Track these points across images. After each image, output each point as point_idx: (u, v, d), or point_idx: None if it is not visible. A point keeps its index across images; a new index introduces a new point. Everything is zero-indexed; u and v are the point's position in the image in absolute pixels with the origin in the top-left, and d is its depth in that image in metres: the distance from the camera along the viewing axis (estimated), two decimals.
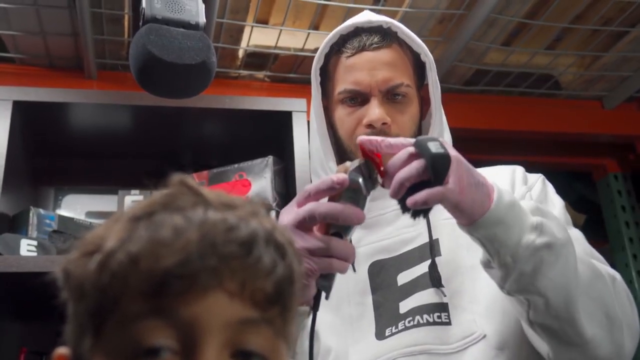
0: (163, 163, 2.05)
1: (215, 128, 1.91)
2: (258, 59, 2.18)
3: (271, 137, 1.89)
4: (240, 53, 2.13)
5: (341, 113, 1.18)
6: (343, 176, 0.83)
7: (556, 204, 1.16)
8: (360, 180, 0.82)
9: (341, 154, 1.21)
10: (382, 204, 1.15)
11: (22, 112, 1.66)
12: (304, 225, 0.83)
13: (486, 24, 2.00)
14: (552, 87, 2.43)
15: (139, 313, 0.48)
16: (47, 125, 1.80)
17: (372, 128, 1.14)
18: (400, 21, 1.93)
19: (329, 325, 1.07)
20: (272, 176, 1.79)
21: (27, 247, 1.52)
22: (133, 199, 1.86)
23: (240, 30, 2.01)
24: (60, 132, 1.87)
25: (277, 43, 2.07)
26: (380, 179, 0.86)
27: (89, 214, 2.02)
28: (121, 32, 1.98)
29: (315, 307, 0.84)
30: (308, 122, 1.80)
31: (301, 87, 2.22)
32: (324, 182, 0.83)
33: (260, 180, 1.80)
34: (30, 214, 1.64)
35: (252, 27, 1.99)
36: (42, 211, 1.69)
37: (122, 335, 0.49)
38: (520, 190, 1.16)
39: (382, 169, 0.85)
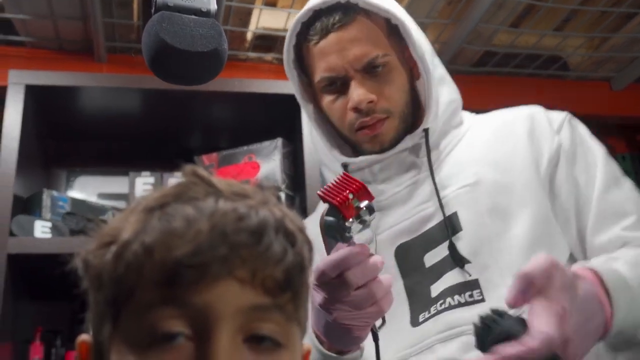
0: (173, 145, 2.07)
1: (224, 111, 1.93)
2: (267, 41, 2.18)
3: (280, 119, 1.90)
4: (249, 36, 2.13)
5: (327, 102, 1.13)
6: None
7: (596, 154, 1.08)
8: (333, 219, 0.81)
9: (344, 138, 1.17)
10: (395, 183, 1.12)
11: (34, 95, 1.68)
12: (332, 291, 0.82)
13: (495, 5, 2.00)
14: (561, 68, 2.42)
15: (153, 302, 0.50)
16: (58, 108, 1.83)
17: (359, 111, 1.09)
18: (409, 4, 1.94)
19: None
20: (281, 158, 1.81)
21: (41, 229, 1.55)
22: (144, 180, 1.89)
23: (249, 12, 2.02)
24: (72, 114, 1.89)
25: (285, 25, 2.08)
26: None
27: (101, 195, 2.05)
28: (130, 16, 1.99)
29: (375, 339, 0.85)
30: None
31: None
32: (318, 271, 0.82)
33: (269, 162, 1.82)
34: (44, 196, 1.67)
35: (261, 9, 1.99)
36: (55, 193, 1.71)
37: (138, 323, 0.51)
38: (549, 143, 1.08)
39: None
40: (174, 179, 1.85)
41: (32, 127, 1.71)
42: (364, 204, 0.81)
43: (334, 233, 0.81)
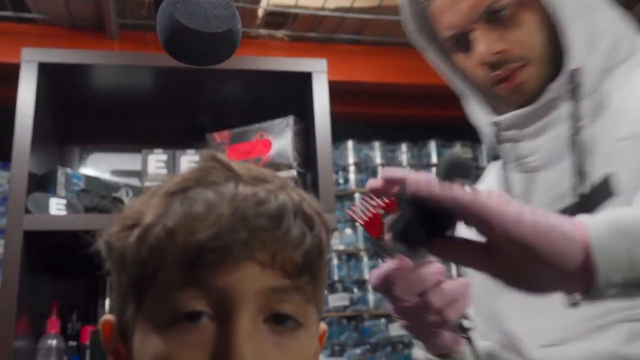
0: (185, 123, 2.08)
1: (235, 88, 1.93)
2: (278, 18, 2.18)
3: (291, 97, 1.90)
4: (260, 12, 2.13)
5: (459, 62, 1.03)
6: None
7: None
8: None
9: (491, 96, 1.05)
10: (546, 138, 0.97)
11: (46, 73, 1.69)
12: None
13: None
14: None
15: (176, 283, 0.52)
16: (71, 86, 1.83)
17: (490, 66, 0.97)
18: None
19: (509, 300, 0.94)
20: (292, 136, 1.81)
21: (56, 206, 1.57)
22: (156, 157, 1.90)
23: None
24: (84, 92, 1.90)
25: (297, 2, 2.07)
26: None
27: (114, 172, 2.07)
28: None
29: (470, 342, 0.81)
30: (328, 82, 1.81)
31: (321, 46, 2.23)
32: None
33: (280, 139, 1.82)
34: (58, 174, 1.68)
35: None
36: (69, 171, 1.73)
37: (161, 304, 0.52)
38: None
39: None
40: (186, 157, 1.87)
41: (45, 104, 1.72)
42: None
43: (376, 249, 0.78)
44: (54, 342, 1.64)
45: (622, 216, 0.60)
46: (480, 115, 1.06)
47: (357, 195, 3.83)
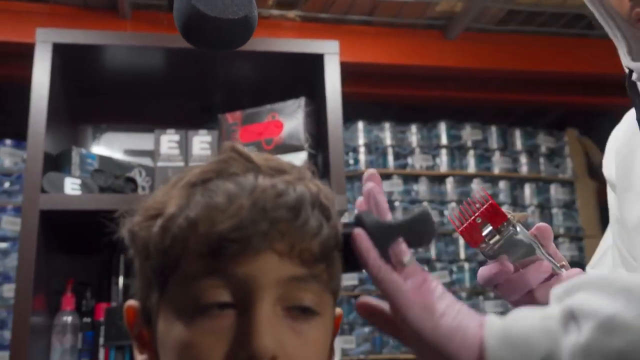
0: (197, 104, 2.10)
1: (247, 69, 1.95)
2: None
3: (303, 78, 1.91)
4: None
5: None
6: None
7: None
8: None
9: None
10: None
11: (60, 53, 1.70)
12: None
13: None
14: (586, 27, 2.40)
15: (198, 272, 0.54)
16: (84, 66, 1.85)
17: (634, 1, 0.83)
18: None
19: None
20: (304, 117, 1.82)
21: (71, 186, 1.59)
22: (169, 138, 1.91)
23: None
24: (97, 72, 1.91)
25: None
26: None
27: (127, 151, 2.09)
28: None
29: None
30: (340, 63, 1.82)
31: (333, 27, 2.23)
32: None
33: (292, 121, 1.84)
34: (73, 154, 1.70)
35: None
36: (83, 151, 1.75)
37: (184, 292, 0.54)
38: None
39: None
40: (198, 137, 1.88)
41: (59, 84, 1.74)
42: (487, 230, 0.77)
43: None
44: (69, 319, 1.67)
45: (521, 325, 0.55)
46: (619, 50, 0.94)
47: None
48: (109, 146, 2.10)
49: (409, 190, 3.76)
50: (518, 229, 0.77)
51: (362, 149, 3.59)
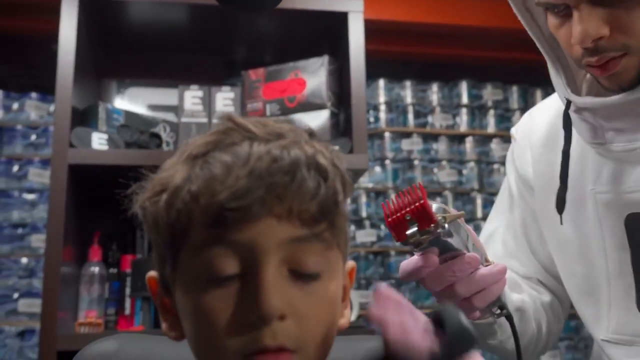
0: (220, 60, 2.11)
1: (271, 26, 1.94)
2: None
3: (326, 36, 1.91)
4: None
5: (551, 25, 0.90)
6: None
7: None
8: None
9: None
10: (628, 137, 0.88)
11: (85, 7, 1.71)
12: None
13: None
14: None
15: (204, 243, 0.56)
16: (108, 20, 1.86)
17: (585, 50, 0.84)
18: None
19: (581, 276, 0.99)
20: (326, 75, 1.83)
21: (98, 141, 1.62)
22: (192, 94, 1.93)
23: None
24: (121, 26, 1.92)
25: None
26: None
27: (151, 106, 2.11)
28: None
29: (510, 320, 0.86)
30: (365, 21, 1.82)
31: None
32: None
33: (314, 79, 1.84)
34: (99, 109, 1.73)
35: None
36: (109, 106, 1.77)
37: (193, 262, 0.57)
38: None
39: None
40: (221, 93, 1.90)
41: (85, 38, 1.75)
42: (411, 230, 0.74)
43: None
44: (96, 269, 1.73)
45: None
46: (555, 78, 0.95)
47: (387, 135, 3.85)
48: (133, 101, 2.12)
49: (428, 149, 3.77)
50: (447, 228, 0.76)
51: (382, 107, 3.58)
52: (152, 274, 0.65)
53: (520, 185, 1.09)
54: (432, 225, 0.74)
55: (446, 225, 0.76)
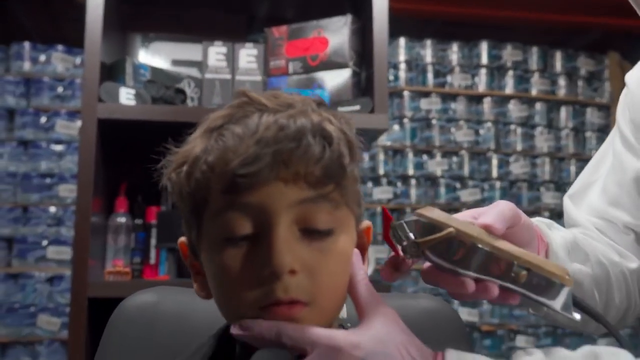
0: (244, 16, 2.12)
1: None
2: None
3: None
4: None
5: None
6: None
7: None
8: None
9: None
10: None
11: None
12: None
13: None
14: None
15: (221, 207, 0.62)
16: None
17: None
18: None
19: None
20: (349, 34, 1.84)
21: (126, 96, 1.66)
22: (216, 50, 1.95)
23: None
24: None
25: None
26: None
27: (175, 62, 2.13)
28: None
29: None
30: None
31: None
32: None
33: (337, 38, 1.86)
34: (127, 64, 1.76)
35: None
36: (136, 61, 1.80)
37: (214, 226, 0.63)
38: None
39: None
40: (245, 50, 1.92)
41: None
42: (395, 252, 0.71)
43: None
44: (122, 220, 1.78)
45: None
46: None
47: (406, 94, 3.86)
48: (157, 56, 2.14)
49: (446, 109, 3.78)
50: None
51: (402, 66, 3.58)
52: (183, 239, 0.71)
53: (636, 132, 1.01)
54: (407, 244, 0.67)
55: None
